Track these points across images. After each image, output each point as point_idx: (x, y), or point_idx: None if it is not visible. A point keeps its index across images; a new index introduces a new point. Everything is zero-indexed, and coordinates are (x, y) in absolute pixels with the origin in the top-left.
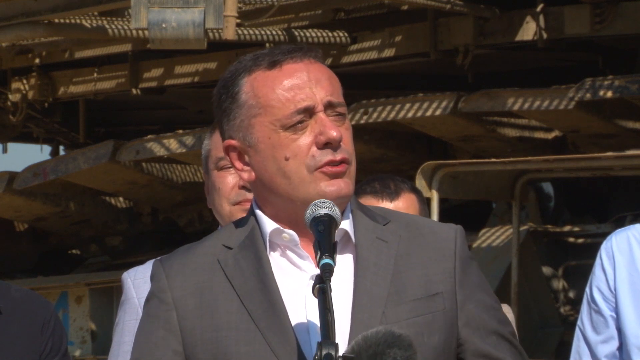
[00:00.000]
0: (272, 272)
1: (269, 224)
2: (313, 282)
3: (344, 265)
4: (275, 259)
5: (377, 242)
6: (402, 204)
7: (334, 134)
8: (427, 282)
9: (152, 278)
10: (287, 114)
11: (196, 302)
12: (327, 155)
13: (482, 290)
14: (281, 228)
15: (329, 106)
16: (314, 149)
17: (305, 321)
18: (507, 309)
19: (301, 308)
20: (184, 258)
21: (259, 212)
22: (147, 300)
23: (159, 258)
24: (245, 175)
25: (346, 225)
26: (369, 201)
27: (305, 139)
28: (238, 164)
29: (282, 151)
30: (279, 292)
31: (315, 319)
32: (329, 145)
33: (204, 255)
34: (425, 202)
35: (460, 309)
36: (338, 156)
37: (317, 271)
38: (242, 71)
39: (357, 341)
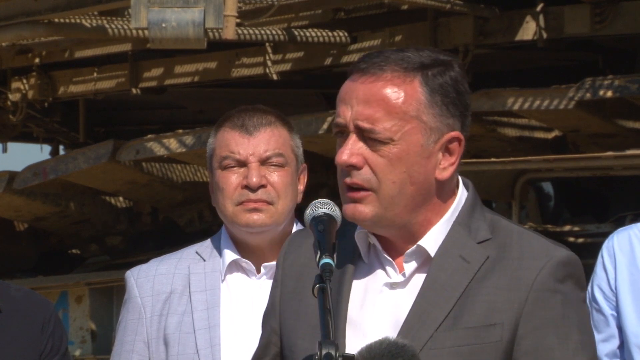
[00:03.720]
0: (351, 277)
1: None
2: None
3: (417, 282)
4: (362, 264)
5: (458, 261)
6: None
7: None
8: (489, 310)
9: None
10: None
11: (293, 286)
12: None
13: (554, 328)
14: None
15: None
16: None
17: (364, 330)
18: None
19: (367, 314)
20: (300, 239)
21: None
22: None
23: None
24: None
25: (428, 242)
26: None
27: None
28: None
29: None
30: (347, 297)
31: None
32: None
33: (309, 249)
34: None
35: (517, 343)
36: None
37: (399, 278)
38: None
39: (361, 352)
